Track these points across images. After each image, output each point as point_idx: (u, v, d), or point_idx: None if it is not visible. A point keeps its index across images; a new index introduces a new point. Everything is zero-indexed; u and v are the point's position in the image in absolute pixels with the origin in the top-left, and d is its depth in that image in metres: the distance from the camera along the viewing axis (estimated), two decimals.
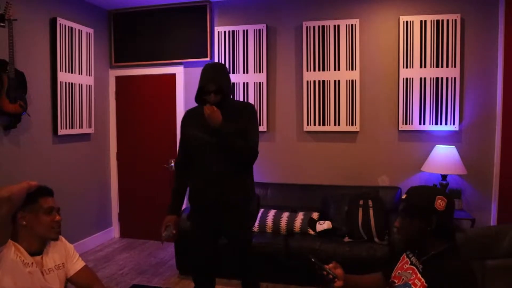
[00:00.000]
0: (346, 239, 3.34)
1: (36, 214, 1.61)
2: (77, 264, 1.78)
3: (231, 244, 2.43)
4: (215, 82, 2.21)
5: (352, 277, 1.71)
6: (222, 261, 2.57)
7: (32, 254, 1.62)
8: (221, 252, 2.45)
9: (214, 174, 2.25)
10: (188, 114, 2.42)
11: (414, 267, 1.53)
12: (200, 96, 2.27)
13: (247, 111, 2.33)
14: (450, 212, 1.50)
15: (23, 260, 1.56)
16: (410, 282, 1.49)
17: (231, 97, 2.43)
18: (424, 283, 1.43)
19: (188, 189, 2.44)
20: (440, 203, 1.46)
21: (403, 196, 1.58)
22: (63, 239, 1.80)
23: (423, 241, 1.51)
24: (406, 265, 1.59)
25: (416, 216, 1.50)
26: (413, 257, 1.57)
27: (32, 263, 1.59)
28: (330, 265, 1.67)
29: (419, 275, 1.48)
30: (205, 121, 2.18)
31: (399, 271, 1.60)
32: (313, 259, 1.64)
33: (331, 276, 1.63)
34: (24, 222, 1.60)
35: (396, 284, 1.56)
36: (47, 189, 1.70)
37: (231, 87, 2.37)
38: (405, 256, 1.62)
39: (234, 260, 2.47)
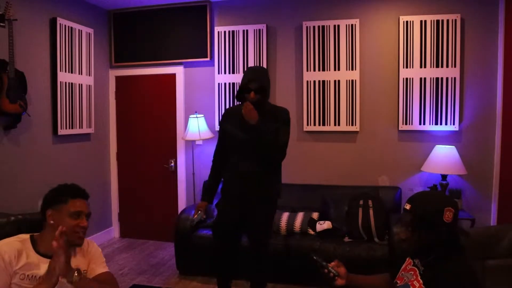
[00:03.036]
0: (346, 239, 3.34)
1: (63, 215, 1.58)
2: (99, 268, 1.71)
3: (250, 238, 2.60)
4: (257, 81, 2.38)
5: (356, 277, 1.70)
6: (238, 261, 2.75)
7: (48, 257, 1.56)
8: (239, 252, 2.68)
9: (243, 169, 2.47)
10: (228, 112, 2.63)
11: (416, 269, 1.53)
12: (241, 94, 2.46)
13: (282, 115, 2.52)
14: (456, 220, 1.46)
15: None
16: (409, 283, 1.49)
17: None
18: (422, 285, 1.43)
19: (222, 180, 2.67)
20: (448, 215, 1.42)
21: (407, 206, 1.51)
22: (94, 244, 1.76)
23: (430, 249, 1.48)
24: (409, 266, 1.59)
25: (424, 229, 1.45)
26: (416, 259, 1.57)
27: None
28: (333, 263, 1.67)
29: (418, 277, 1.48)
30: (242, 119, 2.39)
31: (403, 272, 1.61)
32: (314, 257, 1.66)
33: (332, 274, 1.64)
34: (52, 221, 1.57)
35: (398, 285, 1.57)
36: (80, 190, 1.67)
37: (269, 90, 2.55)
38: (409, 258, 1.62)
39: (250, 255, 2.61)
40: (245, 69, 4.10)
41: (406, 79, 3.73)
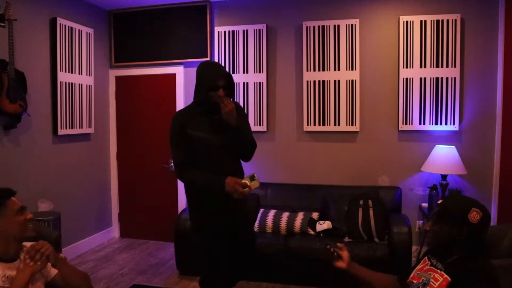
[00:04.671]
0: (346, 239, 3.34)
1: (10, 216, 1.60)
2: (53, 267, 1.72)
3: (241, 243, 2.37)
4: (226, 77, 2.13)
5: (360, 267, 1.76)
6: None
7: (10, 260, 1.61)
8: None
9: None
10: (185, 115, 2.23)
11: (434, 268, 1.54)
12: (201, 93, 2.14)
13: (241, 110, 2.30)
14: (483, 227, 1.47)
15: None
16: (430, 277, 1.50)
17: None
18: (448, 278, 1.45)
19: (187, 196, 2.33)
20: (474, 215, 1.45)
21: (439, 201, 1.59)
22: None
23: (450, 247, 1.51)
24: (426, 266, 1.60)
25: (447, 222, 1.49)
26: (434, 259, 1.58)
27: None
28: (340, 244, 1.78)
29: (439, 271, 1.50)
30: (212, 121, 2.14)
31: (419, 272, 1.61)
32: (328, 246, 1.74)
33: (332, 249, 1.72)
34: None
35: (414, 283, 1.57)
36: (9, 189, 1.69)
37: None
38: (427, 259, 1.63)
39: (238, 257, 2.41)
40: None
41: (406, 79, 3.73)
